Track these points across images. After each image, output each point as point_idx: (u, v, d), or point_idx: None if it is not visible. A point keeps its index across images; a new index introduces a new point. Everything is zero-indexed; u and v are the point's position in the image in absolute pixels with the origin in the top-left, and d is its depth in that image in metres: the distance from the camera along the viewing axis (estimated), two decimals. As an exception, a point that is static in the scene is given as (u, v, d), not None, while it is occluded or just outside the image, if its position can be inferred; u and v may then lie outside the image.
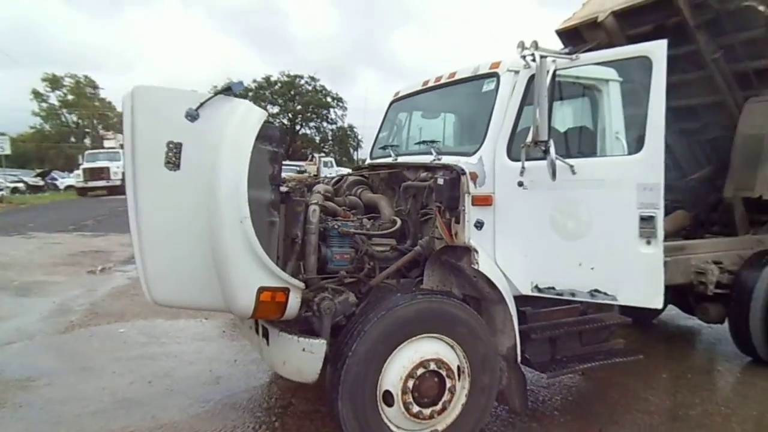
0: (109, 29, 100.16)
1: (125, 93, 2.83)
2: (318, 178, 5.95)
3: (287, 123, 47.70)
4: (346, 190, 4.30)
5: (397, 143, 4.75)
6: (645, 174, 3.19)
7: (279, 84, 48.87)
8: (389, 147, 4.67)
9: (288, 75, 48.83)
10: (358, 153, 46.65)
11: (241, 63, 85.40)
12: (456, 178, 3.45)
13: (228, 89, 2.98)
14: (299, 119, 50.52)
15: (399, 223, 3.75)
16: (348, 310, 3.31)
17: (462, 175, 3.42)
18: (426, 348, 3.25)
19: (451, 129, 4.65)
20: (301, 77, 49.01)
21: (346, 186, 4.35)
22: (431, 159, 3.86)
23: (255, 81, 47.50)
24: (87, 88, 52.09)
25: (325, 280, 3.39)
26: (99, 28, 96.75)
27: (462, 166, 3.47)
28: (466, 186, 3.41)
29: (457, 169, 3.46)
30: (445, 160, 3.73)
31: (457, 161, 3.57)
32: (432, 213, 3.67)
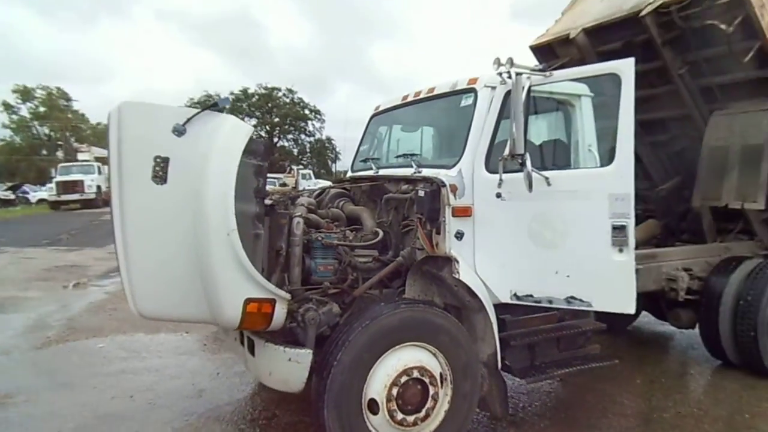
0: (82, 41, 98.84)
1: (111, 107, 2.88)
2: (297, 190, 5.97)
3: (265, 135, 47.49)
4: (328, 202, 4.36)
5: (378, 156, 4.83)
6: (616, 185, 3.31)
7: (256, 96, 48.79)
8: (370, 160, 4.74)
9: (265, 87, 48.93)
10: (336, 165, 46.68)
11: (218, 75, 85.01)
12: (436, 190, 3.54)
13: (215, 105, 3.06)
14: (277, 131, 50.40)
15: (381, 235, 3.83)
16: (332, 320, 3.36)
17: (442, 187, 3.51)
18: (409, 356, 3.32)
19: (431, 142, 4.75)
20: (279, 89, 49.11)
21: (328, 198, 4.41)
22: (412, 172, 3.94)
23: (232, 93, 47.31)
24: (60, 100, 51.09)
25: (310, 291, 3.45)
26: (71, 39, 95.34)
27: (442, 178, 3.57)
28: (446, 198, 3.50)
29: (438, 182, 3.55)
30: (426, 172, 3.82)
31: (437, 174, 3.66)
32: (413, 224, 3.75)
